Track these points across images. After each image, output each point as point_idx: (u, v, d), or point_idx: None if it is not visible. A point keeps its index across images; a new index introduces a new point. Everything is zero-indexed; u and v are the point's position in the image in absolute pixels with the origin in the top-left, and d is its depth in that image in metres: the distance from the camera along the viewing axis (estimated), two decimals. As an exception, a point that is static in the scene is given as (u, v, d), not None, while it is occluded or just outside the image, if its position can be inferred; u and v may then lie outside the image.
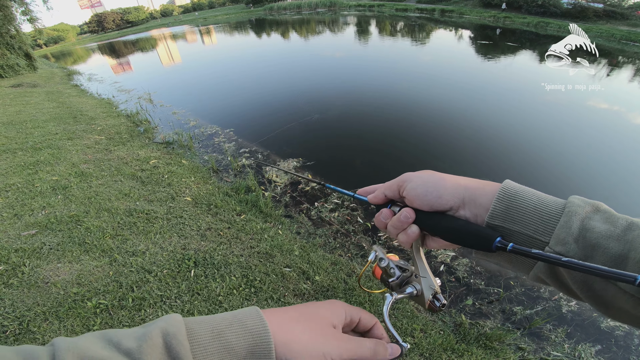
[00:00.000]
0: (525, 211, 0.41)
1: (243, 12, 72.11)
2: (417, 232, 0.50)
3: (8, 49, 15.03)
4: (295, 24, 34.38)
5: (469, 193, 0.47)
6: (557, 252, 0.38)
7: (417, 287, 0.53)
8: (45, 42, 73.68)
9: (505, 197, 0.43)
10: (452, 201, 0.47)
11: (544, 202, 0.41)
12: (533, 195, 0.43)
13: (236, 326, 0.39)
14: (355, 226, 3.59)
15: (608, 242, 0.36)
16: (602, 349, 2.45)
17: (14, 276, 2.51)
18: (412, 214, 0.50)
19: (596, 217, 0.38)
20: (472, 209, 0.46)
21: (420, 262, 0.53)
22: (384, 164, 5.03)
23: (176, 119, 7.34)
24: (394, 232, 0.52)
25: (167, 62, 19.01)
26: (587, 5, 25.66)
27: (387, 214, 0.53)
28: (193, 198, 3.75)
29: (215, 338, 0.38)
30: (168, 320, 0.38)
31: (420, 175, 0.51)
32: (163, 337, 0.35)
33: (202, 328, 0.38)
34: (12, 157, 4.88)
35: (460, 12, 31.83)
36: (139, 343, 0.34)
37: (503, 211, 0.42)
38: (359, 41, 19.47)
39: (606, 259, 0.35)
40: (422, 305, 0.53)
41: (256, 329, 0.39)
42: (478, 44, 17.36)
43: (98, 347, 0.34)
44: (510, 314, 2.66)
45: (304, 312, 0.46)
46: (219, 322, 0.39)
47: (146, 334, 0.35)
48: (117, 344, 0.34)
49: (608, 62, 12.90)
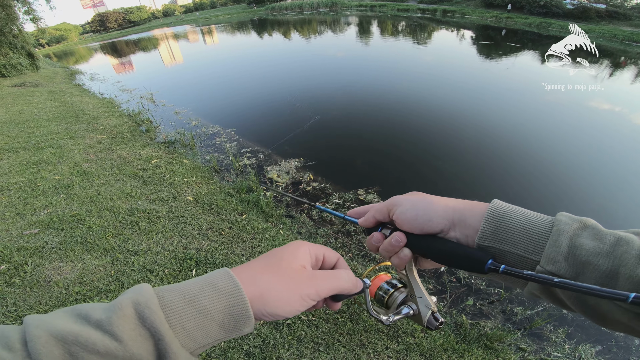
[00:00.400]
0: (514, 231, 0.42)
1: (245, 11, 72.16)
2: (409, 255, 0.50)
3: (11, 49, 15.08)
4: (297, 24, 34.40)
5: (458, 215, 0.47)
6: (548, 271, 0.39)
7: (413, 307, 0.53)
8: (47, 42, 73.90)
9: (493, 218, 0.43)
10: (442, 224, 0.47)
11: (532, 221, 0.42)
12: (521, 214, 0.43)
13: (208, 289, 0.38)
14: (356, 226, 3.58)
15: (597, 259, 0.36)
16: (603, 349, 2.45)
17: (16, 275, 2.52)
18: (402, 237, 0.50)
19: (584, 234, 0.38)
20: (462, 230, 0.46)
21: (415, 282, 0.53)
22: (385, 164, 5.03)
23: (178, 119, 7.36)
24: (386, 255, 0.53)
25: (169, 62, 19.05)
26: (589, 6, 25.60)
27: (379, 238, 0.53)
28: (195, 197, 3.76)
29: (189, 304, 0.37)
30: (137, 290, 0.37)
31: (409, 199, 0.51)
32: (134, 307, 0.35)
33: (173, 295, 0.37)
34: (14, 156, 4.89)
35: (462, 13, 31.78)
36: (108, 314, 0.34)
37: (492, 232, 0.43)
38: (360, 41, 19.47)
39: (597, 276, 0.36)
40: (420, 324, 0.53)
41: (228, 289, 0.39)
42: (480, 44, 17.33)
43: (68, 322, 0.33)
44: (511, 315, 2.66)
45: (269, 261, 0.45)
46: (190, 287, 0.39)
47: (115, 305, 0.35)
48: (86, 317, 0.34)
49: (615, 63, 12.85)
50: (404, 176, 4.78)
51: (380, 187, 4.21)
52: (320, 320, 2.31)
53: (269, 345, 2.09)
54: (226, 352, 2.03)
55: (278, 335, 2.16)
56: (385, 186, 4.25)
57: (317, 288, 0.43)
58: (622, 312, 0.35)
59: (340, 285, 0.46)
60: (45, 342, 0.31)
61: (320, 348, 2.11)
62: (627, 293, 0.31)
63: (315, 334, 2.20)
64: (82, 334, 0.32)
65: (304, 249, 0.47)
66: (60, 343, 0.31)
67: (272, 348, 2.08)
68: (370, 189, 4.17)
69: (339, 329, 2.25)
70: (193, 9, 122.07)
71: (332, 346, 2.13)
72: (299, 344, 2.13)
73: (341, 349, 2.12)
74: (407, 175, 4.82)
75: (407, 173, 4.89)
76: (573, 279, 0.37)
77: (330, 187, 4.32)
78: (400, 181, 4.59)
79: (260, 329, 2.20)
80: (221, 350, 2.04)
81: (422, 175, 4.81)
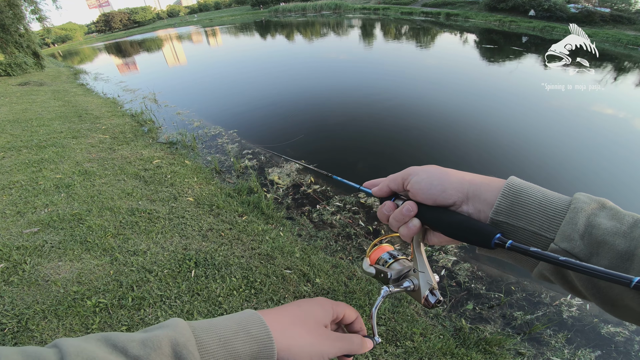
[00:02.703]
0: (530, 207, 0.41)
1: (248, 13, 72.42)
2: (418, 225, 0.49)
3: (17, 48, 15.19)
4: (300, 26, 34.48)
5: (473, 188, 0.46)
6: (562, 248, 0.37)
7: (414, 281, 0.53)
8: (53, 41, 74.36)
9: (510, 193, 0.42)
10: (456, 196, 0.46)
11: (549, 199, 0.41)
12: (538, 191, 0.42)
13: (242, 334, 0.41)
14: (356, 229, 3.58)
15: (614, 238, 0.35)
16: (602, 354, 2.43)
17: (15, 274, 2.52)
18: (414, 207, 0.49)
19: (602, 214, 0.38)
20: (476, 204, 0.45)
21: (420, 256, 0.53)
22: (387, 167, 5.02)
23: (180, 119, 7.38)
24: (395, 225, 0.52)
25: (172, 63, 19.12)
26: (593, 10, 25.52)
27: (390, 207, 0.53)
28: (195, 198, 3.76)
29: (222, 346, 0.39)
30: (175, 328, 0.38)
31: (425, 169, 0.50)
32: (172, 347, 0.36)
33: (209, 337, 0.39)
34: (16, 154, 4.92)
35: (465, 16, 31.77)
36: (147, 351, 0.34)
37: (507, 207, 0.42)
38: (363, 44, 19.49)
39: (612, 256, 0.35)
40: (418, 300, 0.52)
41: (260, 337, 0.42)
42: (483, 47, 17.32)
43: (105, 352, 0.33)
44: (511, 319, 2.65)
45: (299, 315, 0.48)
46: (224, 329, 0.41)
47: (153, 341, 0.36)
48: (124, 350, 0.34)
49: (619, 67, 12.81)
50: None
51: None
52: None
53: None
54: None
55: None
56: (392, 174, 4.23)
57: (335, 350, 0.48)
58: (633, 295, 0.34)
59: (352, 348, 0.50)
60: None
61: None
62: (630, 276, 0.30)
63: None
64: None
65: (328, 307, 0.52)
66: None
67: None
68: (371, 192, 4.15)
69: (337, 332, 2.23)
70: (197, 10, 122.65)
71: (329, 349, 2.11)
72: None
73: (339, 352, 2.10)
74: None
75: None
76: (587, 259, 0.36)
77: (331, 189, 4.31)
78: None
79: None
80: None
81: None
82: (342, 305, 0.53)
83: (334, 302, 0.53)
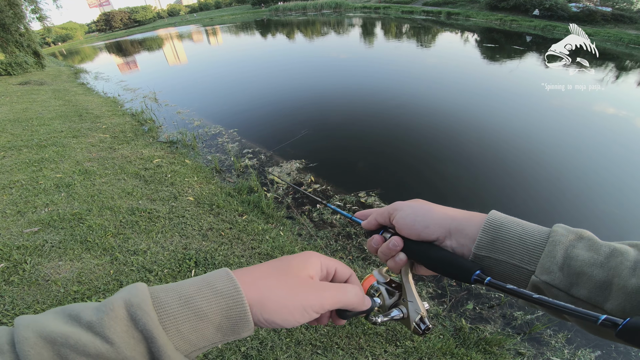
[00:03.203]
0: (511, 241, 0.43)
1: (249, 12, 72.34)
2: (404, 259, 0.51)
3: (17, 47, 15.20)
4: (300, 25, 34.44)
5: (455, 224, 0.48)
6: (543, 280, 0.39)
7: (403, 310, 0.54)
8: (53, 40, 74.36)
9: (490, 228, 0.44)
10: (439, 232, 0.48)
11: (528, 232, 0.42)
12: (518, 225, 0.44)
13: (205, 290, 0.37)
14: (357, 229, 3.57)
15: (592, 269, 0.37)
16: (602, 354, 2.43)
17: (15, 273, 2.53)
18: (400, 242, 0.51)
19: (579, 245, 0.39)
20: (458, 239, 0.47)
21: (408, 286, 0.54)
22: (387, 166, 5.02)
23: (180, 119, 7.38)
24: (383, 258, 0.54)
25: (173, 62, 19.12)
26: (595, 9, 25.45)
27: (378, 240, 0.55)
28: (195, 198, 3.76)
29: (184, 305, 0.35)
30: (130, 290, 0.35)
31: (409, 205, 0.52)
32: (126, 308, 0.33)
33: (168, 296, 0.36)
34: (17, 154, 4.92)
35: (466, 15, 31.72)
36: (100, 315, 0.33)
37: (489, 242, 0.44)
38: (364, 43, 19.46)
39: (591, 286, 0.37)
40: (408, 327, 0.54)
41: (227, 290, 0.37)
42: (483, 46, 17.28)
43: (59, 323, 0.32)
44: (511, 319, 2.64)
45: (276, 266, 0.43)
46: (187, 287, 0.37)
47: (107, 305, 0.33)
48: (77, 318, 0.33)
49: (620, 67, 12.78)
50: (405, 179, 4.76)
51: (382, 189, 4.19)
52: (318, 322, 2.30)
53: (266, 347, 2.09)
54: (223, 354, 2.02)
55: (276, 337, 2.16)
56: (387, 189, 4.24)
57: (322, 300, 0.41)
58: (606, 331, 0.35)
59: (346, 299, 0.44)
60: (34, 343, 0.30)
61: (318, 351, 2.10)
62: (597, 315, 0.32)
63: (314, 337, 2.19)
64: (72, 335, 0.31)
65: (315, 260, 0.46)
66: (50, 345, 0.30)
67: (269, 350, 2.07)
68: (371, 192, 4.16)
69: (337, 331, 2.24)
70: (198, 9, 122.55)
71: (330, 349, 2.11)
72: (297, 347, 2.12)
73: (339, 351, 2.11)
74: (409, 178, 4.80)
75: (409, 176, 4.87)
76: (567, 289, 0.38)
77: (332, 189, 4.31)
78: (402, 184, 4.58)
79: (258, 330, 2.19)
80: (218, 352, 2.04)
81: (424, 178, 4.78)
82: (333, 260, 0.48)
83: (324, 256, 0.47)
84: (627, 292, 0.34)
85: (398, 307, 0.54)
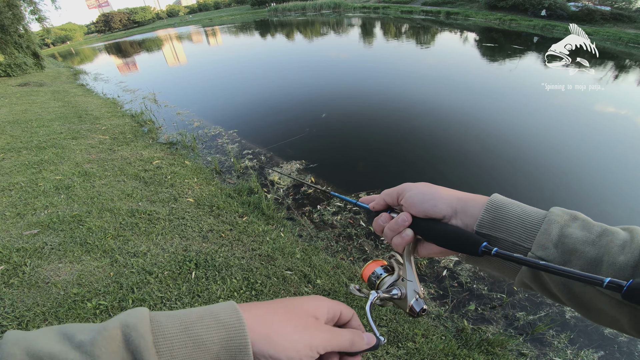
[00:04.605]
0: (510, 221, 0.46)
1: (248, 13, 72.34)
2: (411, 235, 0.53)
3: (16, 48, 15.18)
4: (300, 25, 34.43)
5: (461, 204, 0.51)
6: (538, 256, 0.42)
7: (402, 289, 0.55)
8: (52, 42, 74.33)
9: (492, 209, 0.47)
10: (446, 210, 0.51)
11: (527, 213, 0.45)
12: (518, 207, 0.47)
13: (207, 319, 0.37)
14: (357, 230, 3.57)
15: (584, 247, 0.39)
16: (605, 355, 2.41)
17: (15, 276, 2.51)
18: (409, 217, 0.54)
19: (574, 225, 0.42)
20: (463, 218, 0.50)
21: (410, 266, 0.55)
22: (387, 167, 5.01)
23: (180, 120, 7.37)
24: (390, 235, 0.55)
25: (172, 63, 19.10)
26: (594, 8, 25.45)
27: (386, 218, 0.58)
28: (195, 199, 3.75)
29: (183, 331, 0.35)
30: (130, 312, 0.35)
31: (417, 186, 0.56)
32: (122, 329, 0.33)
33: (169, 321, 0.35)
34: (16, 155, 4.91)
35: (465, 15, 31.71)
36: (93, 335, 0.32)
37: (490, 221, 0.47)
38: (364, 43, 19.46)
39: (583, 263, 0.39)
40: (404, 308, 0.54)
41: (229, 322, 0.37)
42: (483, 46, 17.28)
43: (51, 341, 0.32)
44: (513, 320, 2.63)
45: (284, 304, 0.44)
46: (189, 315, 0.37)
47: (104, 326, 0.33)
48: (71, 337, 0.32)
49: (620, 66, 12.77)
50: (406, 179, 4.70)
51: (382, 189, 4.17)
52: (319, 324, 2.28)
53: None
54: None
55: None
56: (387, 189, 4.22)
57: (324, 343, 0.42)
58: (605, 298, 0.37)
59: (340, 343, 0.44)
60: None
61: (319, 353, 2.09)
62: (602, 277, 0.34)
63: (315, 339, 2.17)
64: (59, 355, 0.30)
65: (322, 303, 0.47)
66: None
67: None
68: (372, 192, 4.15)
69: (338, 333, 2.22)
70: (197, 9, 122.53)
71: (331, 351, 2.10)
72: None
73: (340, 354, 2.09)
74: (409, 179, 4.73)
75: (410, 176, 4.86)
76: (560, 265, 0.39)
77: (332, 189, 4.28)
78: (402, 183, 4.56)
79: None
80: None
81: (425, 178, 4.70)
82: (337, 303, 0.49)
83: (330, 300, 0.48)
84: (616, 268, 0.37)
85: (397, 286, 0.56)
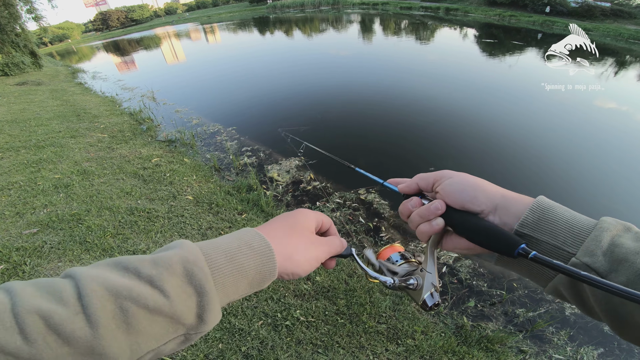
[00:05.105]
0: (557, 223, 0.43)
1: (247, 10, 72.10)
2: (441, 224, 0.50)
3: (13, 47, 15.10)
4: (299, 22, 34.32)
5: (504, 201, 0.48)
6: (583, 262, 0.39)
7: (419, 280, 0.54)
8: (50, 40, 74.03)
9: (538, 209, 0.44)
10: (485, 205, 0.48)
11: (576, 218, 0.43)
12: (566, 211, 0.44)
13: (245, 249, 0.42)
14: (357, 226, 3.57)
15: (635, 257, 0.36)
16: (605, 352, 2.42)
17: (15, 275, 2.51)
18: (443, 206, 0.51)
19: (627, 236, 0.39)
20: (502, 216, 0.47)
21: (431, 257, 0.53)
22: (386, 163, 5.01)
23: (179, 117, 7.34)
24: (417, 221, 0.53)
25: (171, 60, 19.04)
26: (594, 4, 25.41)
27: (417, 202, 0.55)
28: (194, 197, 3.75)
29: (229, 261, 0.40)
30: (183, 247, 0.39)
31: (459, 175, 0.53)
32: (183, 264, 0.37)
33: (216, 253, 0.40)
34: (15, 155, 4.89)
35: (465, 11, 31.64)
36: (160, 270, 0.35)
37: (534, 221, 0.44)
38: (363, 40, 19.40)
39: (631, 273, 0.36)
40: (416, 300, 0.54)
41: (262, 249, 0.43)
42: (483, 42, 17.24)
43: (118, 275, 0.34)
44: (513, 317, 2.64)
45: (290, 225, 0.51)
46: (229, 245, 0.42)
47: (164, 260, 0.36)
48: (136, 271, 0.35)
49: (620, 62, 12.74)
50: (406, 176, 4.73)
51: (382, 187, 4.16)
52: (319, 321, 2.29)
53: (267, 347, 2.08)
54: (224, 354, 2.01)
55: (277, 337, 2.15)
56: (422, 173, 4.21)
57: (324, 253, 0.52)
58: None
59: (334, 249, 0.54)
60: (101, 296, 0.32)
61: (319, 350, 2.09)
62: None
63: (314, 336, 2.18)
64: (134, 288, 0.33)
65: (311, 216, 0.55)
66: (114, 297, 0.32)
67: (270, 350, 2.06)
68: (371, 189, 4.15)
69: (338, 330, 2.23)
70: (195, 7, 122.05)
71: (331, 348, 2.11)
72: (298, 346, 2.11)
73: (340, 350, 2.10)
74: (409, 175, 4.77)
75: (410, 173, 4.82)
76: (606, 275, 0.37)
77: (331, 186, 4.29)
78: (402, 181, 4.55)
79: (259, 330, 2.18)
80: (219, 352, 2.03)
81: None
82: (320, 214, 0.57)
83: (315, 212, 0.56)
84: None
85: (415, 276, 0.54)
